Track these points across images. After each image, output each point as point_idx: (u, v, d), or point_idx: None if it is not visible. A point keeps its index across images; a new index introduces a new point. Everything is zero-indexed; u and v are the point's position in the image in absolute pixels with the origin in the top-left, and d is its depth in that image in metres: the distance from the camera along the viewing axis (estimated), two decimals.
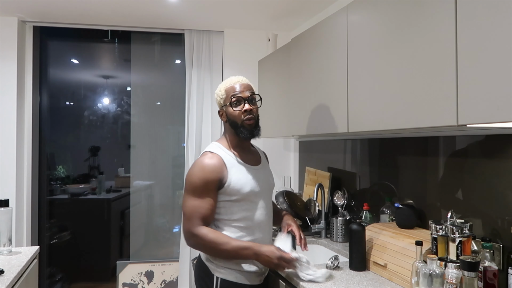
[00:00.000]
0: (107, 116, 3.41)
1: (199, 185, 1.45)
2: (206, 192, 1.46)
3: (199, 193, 1.45)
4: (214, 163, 1.47)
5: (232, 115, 1.54)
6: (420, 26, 1.25)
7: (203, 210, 1.45)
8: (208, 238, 1.43)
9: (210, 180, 1.46)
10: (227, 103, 1.55)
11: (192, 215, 1.45)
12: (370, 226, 1.81)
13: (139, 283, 2.99)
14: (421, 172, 1.76)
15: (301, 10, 2.65)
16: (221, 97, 1.57)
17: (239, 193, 1.50)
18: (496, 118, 0.98)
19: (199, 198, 1.45)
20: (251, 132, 1.55)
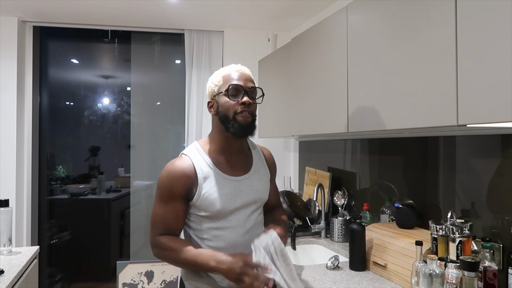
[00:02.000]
0: (107, 116, 3.41)
1: (164, 191, 1.26)
2: (171, 199, 1.25)
3: (164, 199, 1.26)
4: (182, 170, 1.25)
5: (225, 106, 1.27)
6: (420, 26, 1.25)
7: (167, 220, 1.26)
8: (167, 246, 1.24)
9: (176, 188, 1.25)
10: (222, 90, 1.29)
11: (155, 223, 1.27)
12: (370, 226, 1.81)
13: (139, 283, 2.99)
14: (421, 172, 1.76)
15: (301, 10, 2.65)
16: (216, 84, 1.31)
17: (207, 209, 1.26)
18: (496, 118, 0.98)
19: (164, 205, 1.26)
20: (245, 129, 1.27)
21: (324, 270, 1.66)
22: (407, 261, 1.46)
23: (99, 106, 3.41)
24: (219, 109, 1.30)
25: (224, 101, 1.28)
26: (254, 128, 1.31)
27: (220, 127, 1.31)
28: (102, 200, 3.41)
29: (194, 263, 1.20)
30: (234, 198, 1.29)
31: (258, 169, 1.40)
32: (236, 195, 1.29)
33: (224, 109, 1.28)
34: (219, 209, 1.26)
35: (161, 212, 1.27)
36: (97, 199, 3.40)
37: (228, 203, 1.27)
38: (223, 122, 1.29)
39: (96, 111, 3.40)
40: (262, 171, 1.40)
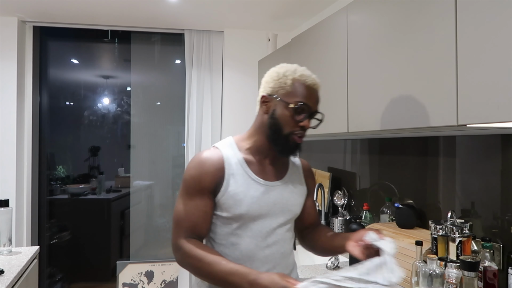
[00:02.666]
0: (107, 116, 3.41)
1: (191, 185, 1.12)
2: (199, 194, 1.12)
3: (191, 194, 1.12)
4: (212, 162, 1.13)
5: (284, 119, 1.13)
6: (420, 26, 1.25)
7: (194, 218, 1.11)
8: (192, 253, 1.07)
9: (205, 181, 1.12)
10: (289, 100, 1.13)
11: (180, 222, 1.12)
12: (370, 226, 1.81)
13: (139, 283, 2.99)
14: (421, 172, 1.76)
15: (301, 10, 2.65)
16: (284, 86, 1.14)
17: (230, 209, 1.13)
18: (496, 118, 0.98)
19: (190, 201, 1.12)
20: (292, 150, 1.18)
21: (324, 270, 1.66)
22: (407, 261, 1.46)
23: (99, 106, 3.41)
24: (275, 115, 1.14)
25: (285, 114, 1.13)
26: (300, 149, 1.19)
27: (266, 131, 1.17)
28: (102, 200, 3.41)
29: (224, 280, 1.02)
30: (260, 203, 1.14)
31: (293, 179, 1.25)
32: (264, 200, 1.15)
33: (282, 121, 1.13)
34: (243, 212, 1.12)
35: (187, 208, 1.12)
36: (97, 199, 3.41)
37: (253, 208, 1.13)
38: (273, 131, 1.15)
39: (96, 111, 3.40)
40: (296, 183, 1.26)
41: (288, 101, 1.13)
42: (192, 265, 1.08)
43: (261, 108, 1.19)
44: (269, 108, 1.16)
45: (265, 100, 1.18)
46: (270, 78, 1.18)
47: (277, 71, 1.18)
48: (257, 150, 1.19)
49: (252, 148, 1.19)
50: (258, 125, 1.20)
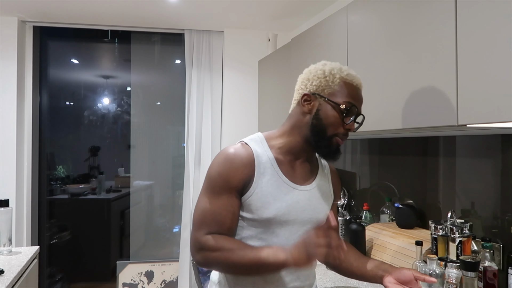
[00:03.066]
0: (107, 116, 3.41)
1: (218, 182, 1.03)
2: (226, 192, 1.03)
3: (217, 192, 1.03)
4: (242, 158, 1.04)
5: (330, 119, 1.06)
6: (420, 26, 1.25)
7: (220, 217, 1.02)
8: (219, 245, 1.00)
9: (233, 178, 1.03)
10: (335, 100, 1.06)
11: (204, 221, 1.03)
12: (370, 226, 1.81)
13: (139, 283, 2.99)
14: (421, 172, 1.76)
15: (301, 10, 2.65)
16: (329, 85, 1.08)
17: (257, 212, 1.04)
18: (496, 118, 0.98)
19: (217, 199, 1.03)
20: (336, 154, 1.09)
21: (324, 270, 1.66)
22: (407, 261, 1.46)
23: (99, 106, 3.41)
24: (319, 116, 1.07)
25: (332, 114, 1.06)
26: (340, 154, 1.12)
27: (305, 132, 1.09)
28: (102, 200, 3.41)
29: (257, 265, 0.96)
30: (289, 208, 1.06)
31: (321, 185, 1.17)
32: (293, 205, 1.07)
33: (328, 122, 1.06)
34: (271, 216, 1.04)
35: (213, 207, 1.03)
36: (97, 199, 3.40)
37: (282, 212, 1.05)
38: (316, 132, 1.07)
39: (96, 111, 3.40)
40: (324, 188, 1.17)
41: (337, 101, 1.06)
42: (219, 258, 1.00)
43: (301, 107, 1.10)
44: (313, 107, 1.08)
45: (307, 99, 1.09)
46: (314, 76, 1.10)
47: (321, 68, 1.11)
48: (289, 151, 1.11)
49: (284, 148, 1.10)
50: (294, 124, 1.11)
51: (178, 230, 3.25)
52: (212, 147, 3.06)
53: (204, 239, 1.01)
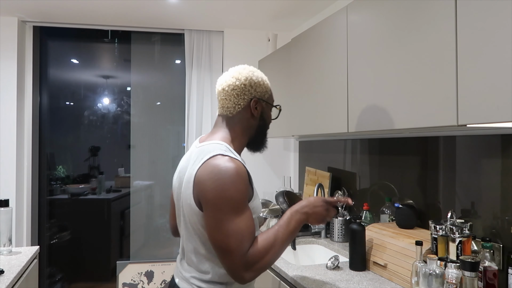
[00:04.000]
0: (107, 116, 3.41)
1: (241, 199, 1.06)
2: (246, 205, 1.09)
3: (241, 209, 1.06)
4: (244, 172, 1.09)
5: (269, 119, 1.27)
6: (420, 26, 1.25)
7: (251, 229, 1.07)
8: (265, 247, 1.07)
9: (247, 192, 1.10)
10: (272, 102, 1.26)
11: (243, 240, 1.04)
12: (370, 226, 1.81)
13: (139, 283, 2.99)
14: (421, 172, 1.76)
15: (301, 10, 2.65)
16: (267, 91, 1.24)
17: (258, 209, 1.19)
18: (496, 118, 0.98)
19: (244, 214, 1.06)
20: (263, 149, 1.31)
21: (324, 270, 1.66)
22: (407, 261, 1.46)
23: (99, 106, 3.41)
24: (264, 117, 1.24)
25: (270, 114, 1.27)
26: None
27: (252, 132, 1.23)
28: (102, 200, 3.40)
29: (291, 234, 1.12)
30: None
31: None
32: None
33: (269, 121, 1.27)
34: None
35: (245, 223, 1.06)
36: (97, 199, 3.40)
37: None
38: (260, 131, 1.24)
39: (96, 111, 3.40)
40: None
41: (272, 104, 1.27)
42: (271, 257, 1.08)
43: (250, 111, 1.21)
44: (258, 112, 1.22)
45: (256, 105, 1.21)
46: (255, 83, 1.21)
47: (257, 75, 1.23)
48: (238, 152, 1.22)
49: (238, 151, 1.21)
50: (245, 128, 1.22)
51: None
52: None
53: (250, 256, 1.05)
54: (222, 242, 1.05)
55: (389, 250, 1.58)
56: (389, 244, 1.60)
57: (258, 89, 1.22)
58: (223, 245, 1.05)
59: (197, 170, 1.09)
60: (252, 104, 1.21)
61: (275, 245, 1.08)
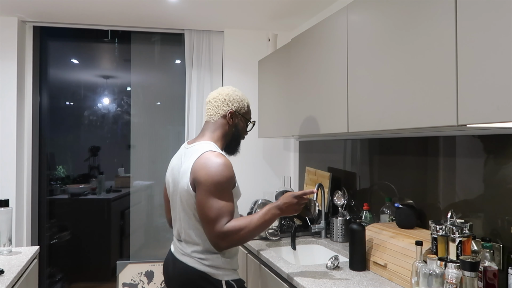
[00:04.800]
0: (107, 116, 3.41)
1: (226, 183, 1.41)
2: (230, 190, 1.44)
3: (225, 192, 1.41)
4: (230, 163, 1.45)
5: (242, 131, 1.63)
6: (420, 26, 1.25)
7: (231, 208, 1.42)
8: (240, 226, 1.39)
9: (233, 179, 1.46)
10: (247, 118, 1.64)
11: (222, 215, 1.38)
12: (370, 226, 1.81)
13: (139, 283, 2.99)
14: (421, 172, 1.76)
15: (301, 10, 2.65)
16: (243, 106, 1.62)
17: (239, 193, 1.53)
18: (496, 118, 0.98)
19: (227, 196, 1.41)
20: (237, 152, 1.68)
21: (324, 270, 1.66)
22: (407, 261, 1.46)
23: (99, 106, 3.41)
24: (238, 128, 1.61)
25: (244, 128, 1.64)
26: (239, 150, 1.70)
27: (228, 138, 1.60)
28: (102, 200, 3.40)
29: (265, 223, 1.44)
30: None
31: None
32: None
33: (242, 132, 1.63)
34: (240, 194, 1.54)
35: (225, 203, 1.39)
36: (97, 199, 3.40)
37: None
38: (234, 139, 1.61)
39: (96, 111, 3.40)
40: None
41: (248, 119, 1.65)
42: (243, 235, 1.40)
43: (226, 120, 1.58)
44: (233, 123, 1.59)
45: (231, 116, 1.58)
46: (233, 99, 1.59)
47: (237, 94, 1.61)
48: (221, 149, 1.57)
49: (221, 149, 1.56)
50: (223, 133, 1.59)
51: None
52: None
53: (226, 228, 1.38)
54: (206, 214, 1.39)
55: (389, 250, 1.58)
56: (389, 244, 1.60)
57: (235, 104, 1.59)
58: (206, 217, 1.39)
59: (193, 163, 1.43)
60: (228, 115, 1.58)
61: (248, 226, 1.40)
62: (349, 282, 1.50)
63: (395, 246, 1.56)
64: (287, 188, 2.79)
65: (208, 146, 1.49)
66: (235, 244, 1.44)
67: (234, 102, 1.59)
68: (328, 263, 1.68)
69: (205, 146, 1.48)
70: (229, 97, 1.59)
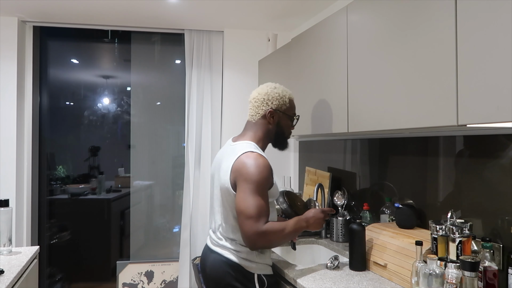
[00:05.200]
0: (107, 116, 3.41)
1: (264, 183, 1.46)
2: (266, 191, 1.48)
3: (263, 192, 1.46)
4: (269, 164, 1.50)
5: (286, 127, 1.65)
6: (420, 26, 1.25)
7: (268, 209, 1.47)
8: (276, 228, 1.45)
9: (271, 180, 1.50)
10: (289, 114, 1.64)
11: (261, 213, 1.43)
12: (370, 226, 1.81)
13: (139, 283, 2.99)
14: (421, 172, 1.76)
15: (301, 10, 2.65)
16: (284, 103, 1.62)
17: (276, 194, 1.60)
18: (496, 118, 0.98)
19: (265, 196, 1.46)
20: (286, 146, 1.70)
21: (324, 270, 1.66)
22: (407, 261, 1.46)
23: (99, 106, 3.41)
24: (280, 125, 1.63)
25: (288, 124, 1.66)
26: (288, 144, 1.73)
27: (271, 136, 1.64)
28: (102, 200, 3.40)
29: (294, 231, 1.50)
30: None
31: None
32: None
33: (286, 129, 1.65)
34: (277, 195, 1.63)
35: (264, 203, 1.44)
36: (97, 199, 3.40)
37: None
38: (278, 136, 1.64)
39: (96, 111, 3.40)
40: None
41: (288, 113, 1.64)
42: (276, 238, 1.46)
43: (267, 120, 1.60)
44: (275, 120, 1.60)
45: (271, 115, 1.60)
46: (272, 97, 1.60)
47: (276, 92, 1.62)
48: (263, 149, 1.62)
49: (262, 148, 1.60)
50: (265, 132, 1.61)
51: (178, 230, 3.25)
52: (212, 147, 3.06)
53: (266, 227, 1.43)
54: (246, 209, 1.42)
55: (389, 250, 1.58)
56: (389, 244, 1.60)
57: (275, 102, 1.60)
58: (246, 213, 1.42)
59: (234, 162, 1.49)
60: (268, 114, 1.60)
61: (284, 231, 1.47)
62: (349, 282, 1.50)
63: (395, 246, 1.56)
64: (287, 188, 2.79)
65: (249, 146, 1.53)
66: (268, 245, 1.51)
67: (273, 100, 1.60)
68: (328, 263, 1.68)
69: (245, 146, 1.53)
70: (268, 95, 1.60)
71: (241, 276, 1.50)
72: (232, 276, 1.50)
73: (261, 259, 1.54)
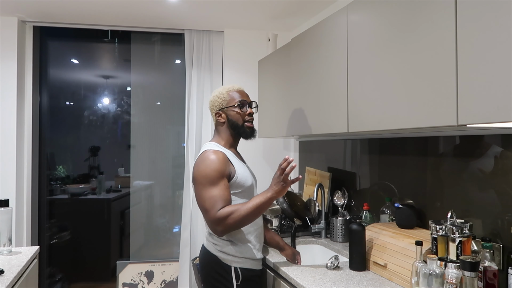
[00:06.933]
0: (107, 116, 3.41)
1: (215, 175, 1.53)
2: (221, 178, 1.54)
3: (216, 181, 1.52)
4: (221, 157, 1.57)
5: (235, 116, 1.69)
6: (420, 26, 1.25)
7: (223, 196, 1.52)
8: (232, 210, 1.49)
9: (223, 168, 1.55)
10: (232, 105, 1.69)
11: (215, 203, 1.50)
12: (370, 226, 1.81)
13: (139, 283, 2.99)
14: (421, 172, 1.76)
15: (301, 10, 2.65)
16: (223, 99, 1.70)
17: (244, 186, 1.62)
18: (496, 118, 0.98)
19: (217, 186, 1.52)
20: (252, 133, 1.73)
21: (324, 270, 1.66)
22: (407, 261, 1.46)
23: (99, 106, 3.41)
24: (229, 119, 1.69)
25: (233, 113, 1.69)
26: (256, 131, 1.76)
27: (230, 131, 1.71)
28: (102, 200, 3.40)
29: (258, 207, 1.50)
30: (252, 177, 1.73)
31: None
32: (249, 175, 1.71)
33: (235, 118, 1.69)
34: (250, 185, 1.66)
35: (217, 192, 1.52)
36: (97, 199, 3.40)
37: (252, 180, 1.71)
38: (234, 128, 1.69)
39: (96, 111, 3.40)
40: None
41: (231, 104, 1.70)
42: (236, 218, 1.48)
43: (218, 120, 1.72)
44: (224, 118, 1.70)
45: (218, 115, 1.71)
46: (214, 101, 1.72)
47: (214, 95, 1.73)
48: (230, 146, 1.72)
49: (227, 145, 1.70)
50: (221, 131, 1.72)
51: (178, 230, 3.25)
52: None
53: (219, 213, 1.49)
54: (202, 205, 1.54)
55: (389, 250, 1.58)
56: (389, 244, 1.60)
57: (216, 104, 1.72)
58: (202, 207, 1.54)
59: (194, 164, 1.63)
60: (216, 116, 1.73)
61: (240, 209, 1.49)
62: (349, 282, 1.50)
63: (395, 246, 1.56)
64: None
65: (208, 146, 1.66)
66: (231, 228, 1.53)
67: (214, 103, 1.72)
68: (328, 263, 1.68)
69: (205, 147, 1.67)
70: (211, 103, 1.74)
71: (220, 268, 1.61)
72: (212, 268, 1.63)
73: (238, 252, 1.61)
